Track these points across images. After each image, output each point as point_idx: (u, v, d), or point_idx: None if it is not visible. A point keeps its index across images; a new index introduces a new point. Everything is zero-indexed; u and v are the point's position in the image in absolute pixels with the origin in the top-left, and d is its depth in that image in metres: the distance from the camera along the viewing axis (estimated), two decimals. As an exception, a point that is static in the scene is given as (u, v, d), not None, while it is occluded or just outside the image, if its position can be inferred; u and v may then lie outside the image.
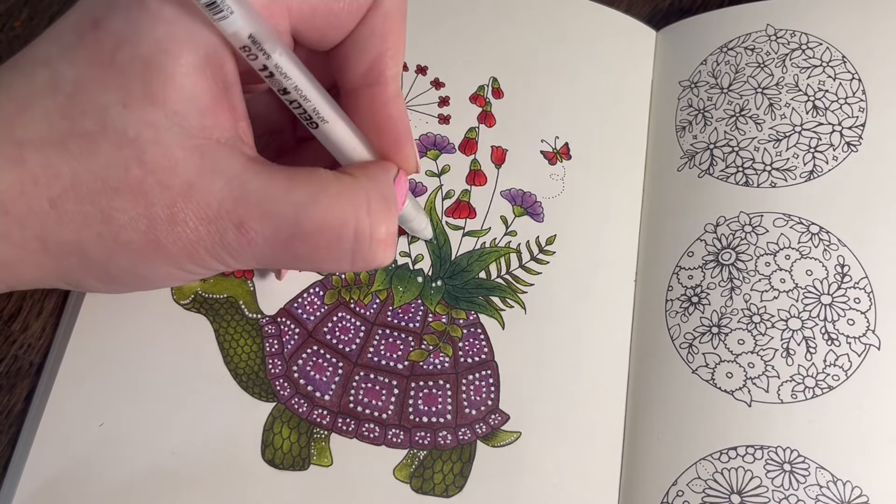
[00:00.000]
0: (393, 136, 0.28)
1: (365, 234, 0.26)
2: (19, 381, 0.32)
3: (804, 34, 0.39)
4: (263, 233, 0.25)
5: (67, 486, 0.30)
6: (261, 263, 0.26)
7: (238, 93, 0.25)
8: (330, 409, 0.33)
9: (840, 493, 0.31)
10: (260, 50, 0.24)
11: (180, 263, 0.25)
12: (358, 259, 0.27)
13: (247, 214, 0.25)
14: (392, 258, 0.28)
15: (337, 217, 0.25)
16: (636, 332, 0.36)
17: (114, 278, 0.26)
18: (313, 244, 0.25)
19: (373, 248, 0.27)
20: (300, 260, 0.26)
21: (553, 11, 0.41)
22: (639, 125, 0.40)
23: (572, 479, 0.33)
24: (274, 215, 0.25)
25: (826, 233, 0.35)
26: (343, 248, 0.26)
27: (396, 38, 0.28)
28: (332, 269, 0.27)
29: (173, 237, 0.24)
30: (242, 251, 0.25)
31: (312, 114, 0.26)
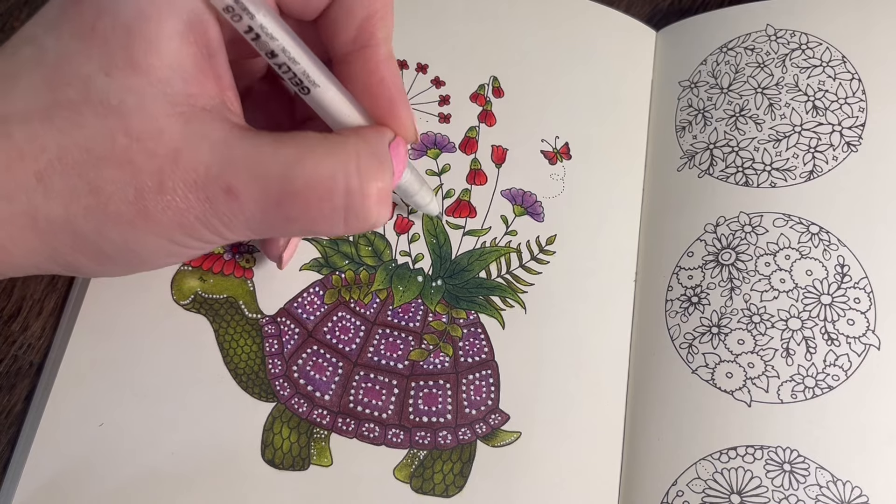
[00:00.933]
0: (387, 99, 0.28)
1: (355, 189, 0.25)
2: (19, 381, 0.32)
3: (804, 34, 0.39)
4: (252, 195, 0.24)
5: (67, 486, 0.30)
6: (255, 231, 0.26)
7: (223, 61, 0.25)
8: (330, 408, 0.33)
9: (840, 493, 0.31)
10: (243, 9, 0.24)
11: (172, 235, 0.25)
12: (351, 217, 0.26)
13: (234, 177, 0.24)
14: (388, 217, 0.27)
15: (326, 173, 0.25)
16: (636, 332, 0.36)
17: (106, 256, 0.25)
18: (304, 203, 0.25)
19: (365, 204, 0.26)
20: (293, 222, 0.26)
21: (553, 11, 0.41)
22: (639, 125, 0.40)
23: (572, 479, 0.33)
24: (261, 176, 0.24)
25: (826, 233, 0.35)
26: (335, 206, 0.25)
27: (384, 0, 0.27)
28: (327, 230, 0.26)
29: (162, 206, 0.24)
30: (234, 217, 0.25)
31: (303, 77, 0.26)
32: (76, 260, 0.25)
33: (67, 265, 0.26)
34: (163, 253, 0.26)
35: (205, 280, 0.34)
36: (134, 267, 0.27)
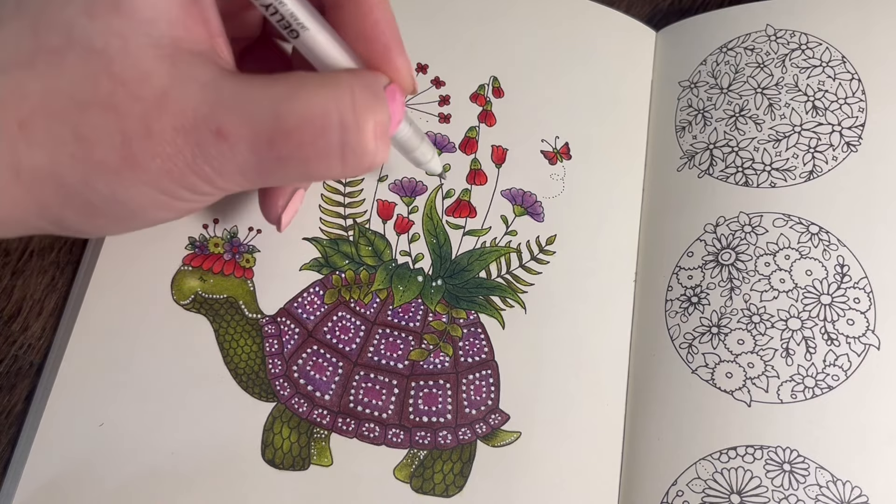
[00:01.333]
0: (382, 44, 0.27)
1: (350, 123, 0.24)
2: (19, 381, 0.32)
3: (804, 34, 0.39)
4: (243, 135, 0.24)
5: (67, 486, 0.30)
6: (247, 178, 0.25)
7: (211, 6, 0.24)
8: (330, 408, 0.33)
9: (840, 493, 0.31)
10: None
11: (161, 184, 0.24)
12: (348, 154, 0.25)
13: (224, 117, 0.23)
14: (387, 153, 0.26)
15: (319, 108, 0.24)
16: (636, 332, 0.36)
17: (94, 208, 0.24)
18: (297, 140, 0.24)
19: (362, 140, 0.25)
20: (287, 163, 0.24)
21: (553, 11, 0.41)
22: (639, 125, 0.40)
23: (572, 479, 0.33)
24: (252, 114, 0.23)
25: (826, 233, 0.35)
26: (330, 142, 0.24)
27: None
28: (324, 171, 0.25)
29: (150, 152, 0.23)
30: (225, 161, 0.24)
31: (291, 20, 0.25)
32: (64, 214, 0.24)
33: (56, 221, 0.25)
34: (152, 205, 0.25)
35: (205, 280, 0.34)
36: (124, 221, 0.26)
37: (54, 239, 0.34)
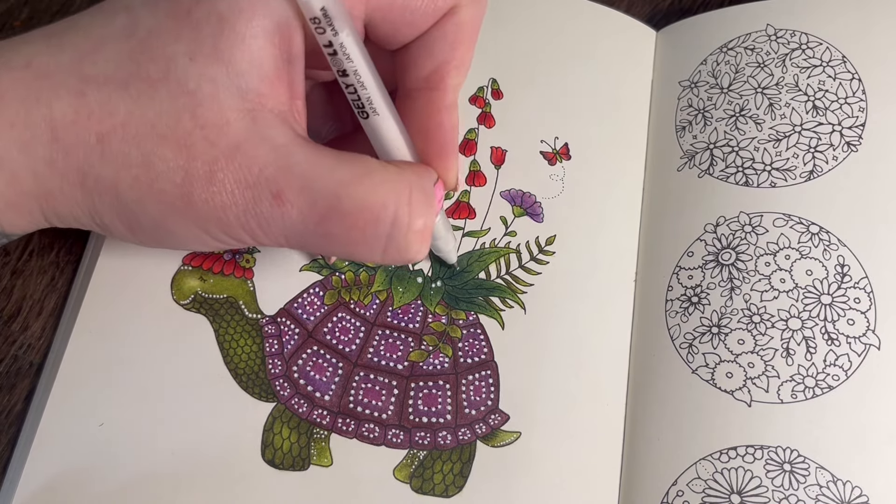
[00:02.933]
0: (440, 145, 0.28)
1: (403, 221, 0.26)
2: (19, 381, 0.32)
3: (804, 34, 0.39)
4: (300, 205, 0.25)
5: (67, 486, 0.30)
6: (289, 241, 0.26)
7: (300, 70, 0.26)
8: (330, 409, 0.33)
9: (840, 493, 0.31)
10: (329, 24, 0.24)
11: (207, 226, 0.25)
12: (391, 247, 0.26)
13: (286, 184, 0.25)
14: (425, 255, 0.28)
15: (378, 200, 0.25)
16: (636, 332, 0.36)
17: (140, 226, 0.26)
18: (349, 224, 0.25)
19: (408, 237, 0.26)
20: (332, 240, 0.26)
21: (553, 11, 0.41)
22: (639, 125, 0.40)
23: (572, 479, 0.33)
24: (314, 189, 0.25)
25: (826, 233, 0.35)
26: (379, 233, 0.26)
27: (465, 50, 0.28)
28: (363, 254, 0.27)
29: (206, 196, 0.24)
30: (273, 223, 0.25)
31: (366, 103, 0.26)
32: (112, 222, 0.26)
33: (103, 225, 0.26)
34: (193, 239, 0.26)
35: (205, 280, 0.34)
36: (162, 243, 0.28)
37: (54, 239, 0.34)
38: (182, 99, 0.24)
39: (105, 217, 0.26)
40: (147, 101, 0.24)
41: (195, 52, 0.24)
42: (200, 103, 0.24)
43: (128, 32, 0.24)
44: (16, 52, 0.24)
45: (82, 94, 0.24)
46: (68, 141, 0.24)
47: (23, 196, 0.25)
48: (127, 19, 0.25)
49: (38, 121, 0.24)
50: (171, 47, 0.24)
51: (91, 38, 0.24)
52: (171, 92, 0.24)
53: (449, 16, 0.27)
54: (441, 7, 0.27)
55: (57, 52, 0.24)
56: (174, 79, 0.24)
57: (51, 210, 0.26)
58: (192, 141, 0.24)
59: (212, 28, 0.24)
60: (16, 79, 0.24)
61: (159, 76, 0.24)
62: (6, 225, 0.26)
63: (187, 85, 0.24)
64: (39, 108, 0.24)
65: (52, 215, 0.26)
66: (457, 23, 0.27)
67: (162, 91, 0.24)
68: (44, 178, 0.25)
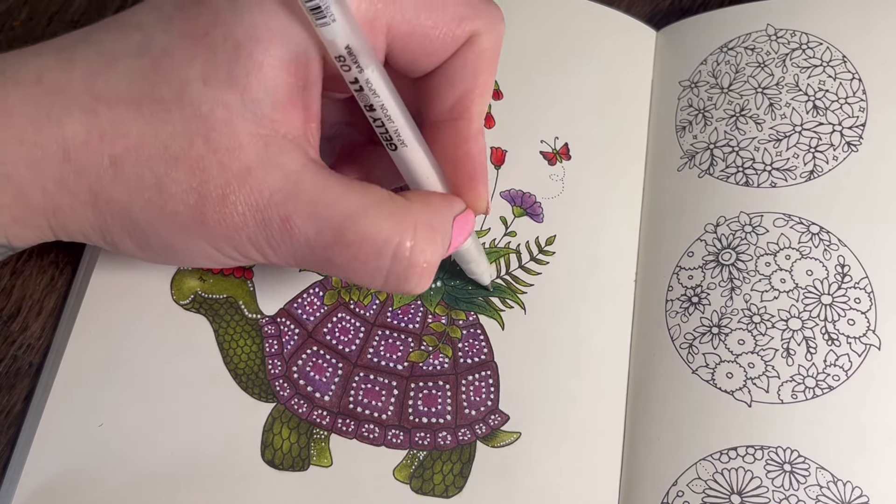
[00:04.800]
0: (469, 173, 0.29)
1: (403, 257, 0.26)
2: (19, 381, 0.32)
3: (804, 34, 0.39)
4: (306, 232, 0.25)
5: (67, 486, 0.30)
6: (298, 261, 0.26)
7: (316, 95, 0.26)
8: (330, 409, 0.33)
9: (840, 493, 0.31)
10: (355, 62, 0.24)
11: (219, 245, 0.26)
12: (391, 280, 0.27)
13: (294, 210, 0.25)
14: (426, 288, 0.27)
15: (380, 233, 0.25)
16: (636, 332, 0.36)
17: (150, 246, 0.26)
18: (351, 255, 0.25)
19: (408, 272, 0.26)
20: (335, 267, 0.26)
21: (553, 11, 0.41)
22: (639, 125, 0.40)
23: (572, 479, 0.33)
24: (321, 217, 0.25)
25: (826, 233, 0.35)
26: (379, 266, 0.26)
27: (487, 77, 0.28)
28: (364, 283, 0.27)
29: (219, 217, 0.25)
30: (283, 245, 0.26)
31: (393, 135, 0.26)
32: (122, 241, 0.26)
33: (112, 243, 0.26)
34: (203, 256, 0.27)
35: (205, 280, 0.34)
36: (171, 260, 0.28)
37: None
38: (195, 122, 0.24)
39: (115, 236, 0.26)
40: (160, 123, 0.24)
41: (209, 76, 0.24)
42: (213, 127, 0.24)
43: (141, 51, 0.24)
44: (25, 65, 0.24)
45: (94, 113, 0.24)
46: (80, 162, 0.24)
47: (30, 211, 0.25)
48: (141, 37, 0.24)
49: (50, 140, 0.24)
50: (185, 70, 0.24)
51: (104, 54, 0.24)
52: (184, 115, 0.24)
53: (468, 44, 0.27)
54: (459, 36, 0.27)
55: (68, 68, 0.24)
56: (188, 102, 0.24)
57: (59, 226, 0.26)
58: (204, 164, 0.24)
59: (227, 54, 0.24)
60: (25, 94, 0.24)
61: (172, 98, 0.24)
62: (12, 238, 0.26)
63: (200, 108, 0.24)
64: (51, 127, 0.24)
65: (60, 230, 0.26)
66: (476, 51, 0.27)
67: (175, 113, 0.24)
68: (53, 196, 0.24)
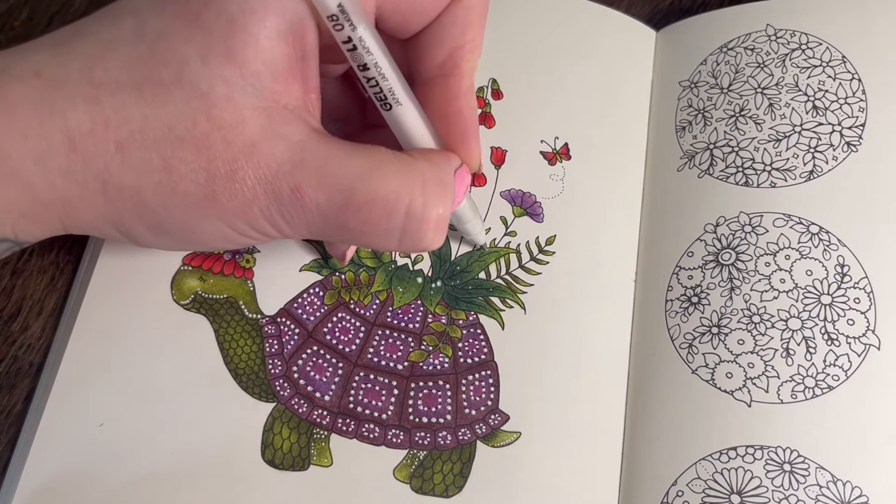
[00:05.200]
0: (460, 130, 0.29)
1: (416, 212, 0.26)
2: (19, 381, 0.32)
3: (804, 34, 0.39)
4: (317, 199, 0.25)
5: (67, 486, 0.30)
6: (312, 232, 0.27)
7: (314, 65, 0.26)
8: (330, 409, 0.33)
9: (840, 493, 0.31)
10: (347, 20, 0.24)
11: (233, 222, 0.26)
12: (406, 238, 0.27)
13: (303, 179, 0.25)
14: (441, 242, 0.28)
15: (391, 191, 0.26)
16: (636, 332, 0.36)
17: (165, 230, 0.26)
18: (364, 216, 0.26)
19: (422, 227, 0.26)
20: (350, 231, 0.26)
21: (552, 11, 0.41)
22: (639, 125, 0.40)
23: (572, 479, 0.33)
24: (329, 183, 0.25)
25: (826, 233, 0.35)
26: (393, 224, 0.26)
27: (476, 32, 0.28)
28: (380, 244, 0.27)
29: (230, 193, 0.25)
30: (296, 215, 0.26)
31: (388, 94, 0.26)
32: (136, 228, 0.26)
33: (126, 231, 0.26)
34: (219, 236, 0.27)
35: (205, 280, 0.34)
36: (188, 244, 0.28)
37: (54, 239, 0.34)
38: (196, 101, 0.24)
39: (129, 223, 0.26)
40: (162, 105, 0.24)
41: (207, 53, 0.24)
42: (215, 104, 0.24)
43: (136, 36, 0.24)
44: (23, 60, 0.24)
45: (97, 101, 0.24)
46: (87, 151, 0.24)
47: (39, 206, 0.25)
48: (134, 23, 0.24)
49: (54, 131, 0.24)
50: (182, 49, 0.24)
51: (100, 43, 0.24)
52: (185, 94, 0.24)
53: (456, 1, 0.28)
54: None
55: (66, 61, 0.24)
56: (187, 81, 0.24)
57: (70, 219, 0.25)
58: (210, 142, 0.24)
59: (223, 29, 0.24)
60: (26, 89, 0.24)
61: (172, 79, 0.24)
62: (19, 233, 0.26)
63: (200, 86, 0.24)
64: (54, 119, 0.24)
65: (71, 223, 0.26)
66: (466, 6, 0.28)
67: (176, 94, 0.24)
68: (62, 188, 0.24)
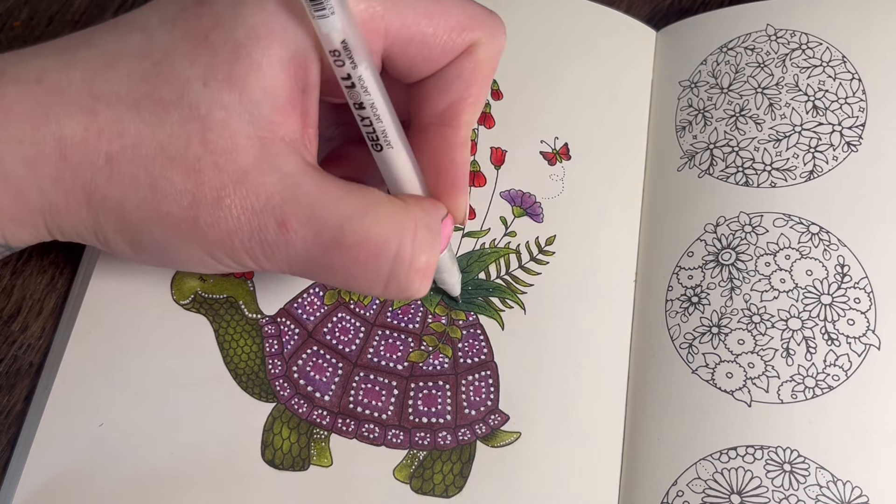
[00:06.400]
0: (451, 181, 0.28)
1: (405, 258, 0.26)
2: (19, 381, 0.32)
3: (804, 34, 0.39)
4: (304, 235, 0.25)
5: (67, 486, 0.30)
6: (292, 269, 0.26)
7: (314, 99, 0.26)
8: (330, 409, 0.33)
9: (840, 493, 0.31)
10: (349, 57, 0.24)
11: (211, 250, 0.25)
12: (392, 284, 0.26)
13: (292, 214, 0.24)
14: (426, 292, 0.27)
15: (381, 235, 0.25)
16: (636, 332, 0.36)
17: (143, 246, 0.26)
18: (351, 257, 0.25)
19: (410, 275, 0.26)
20: (334, 272, 0.26)
21: (552, 11, 0.41)
22: (639, 125, 0.40)
23: (572, 479, 0.33)
24: (319, 219, 0.25)
25: (826, 233, 0.35)
26: (380, 268, 0.26)
27: (481, 88, 0.28)
28: (363, 288, 0.26)
29: (212, 220, 0.24)
30: (278, 250, 0.25)
31: (380, 135, 0.26)
32: (115, 241, 0.26)
33: (105, 242, 0.26)
34: (196, 261, 0.26)
35: (205, 280, 0.34)
36: (165, 263, 0.28)
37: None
38: (193, 123, 0.24)
39: (109, 235, 0.26)
40: (158, 123, 0.24)
41: (209, 77, 0.24)
42: (211, 128, 0.24)
43: (143, 52, 0.24)
44: (25, 65, 0.24)
45: (93, 113, 0.24)
46: (76, 160, 0.24)
47: (27, 211, 0.25)
48: (142, 39, 0.24)
49: (47, 138, 0.24)
50: (186, 71, 0.24)
51: (105, 55, 0.24)
52: (182, 115, 0.24)
53: (466, 53, 0.27)
54: (459, 45, 0.27)
55: (69, 69, 0.24)
56: (187, 103, 0.24)
57: (54, 225, 0.26)
58: (200, 166, 0.24)
59: (228, 54, 0.24)
60: (25, 93, 0.24)
61: (172, 99, 0.24)
62: (10, 238, 0.26)
63: (199, 109, 0.24)
64: (49, 126, 0.24)
65: (55, 230, 0.26)
66: (474, 60, 0.27)
67: (173, 114, 0.24)
68: (49, 195, 0.24)
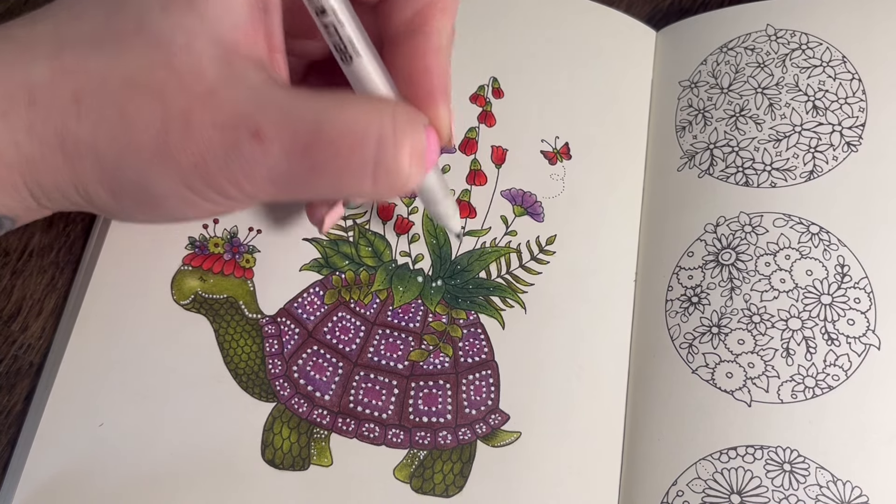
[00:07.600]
0: (427, 90, 0.27)
1: (388, 140, 0.24)
2: (19, 381, 0.32)
3: (804, 34, 0.39)
4: (281, 139, 0.24)
5: (67, 486, 0.30)
6: (276, 185, 0.25)
7: (277, 22, 0.25)
8: (330, 409, 0.33)
9: (840, 493, 0.31)
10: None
11: (189, 179, 0.25)
12: (381, 172, 0.25)
13: (265, 119, 0.24)
14: (420, 179, 0.26)
15: (359, 121, 0.24)
16: (636, 332, 0.36)
17: (123, 189, 0.26)
18: (333, 150, 0.24)
19: (397, 158, 0.24)
20: (319, 175, 0.25)
21: (553, 11, 0.41)
22: (639, 125, 0.40)
23: (572, 479, 0.33)
24: (293, 120, 0.24)
25: (826, 233, 0.35)
26: (365, 157, 0.24)
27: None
28: (355, 185, 0.25)
29: (184, 144, 0.24)
30: (257, 165, 0.24)
31: (347, 43, 0.25)
32: (95, 190, 0.26)
33: (87, 197, 0.26)
34: (177, 199, 0.26)
35: (205, 280, 0.34)
36: (149, 209, 0.27)
37: (54, 239, 0.34)
38: (156, 50, 0.24)
39: (88, 185, 0.25)
40: (121, 54, 0.24)
41: (168, 2, 0.24)
42: (175, 53, 0.24)
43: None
44: None
45: (58, 57, 0.24)
46: (45, 102, 0.24)
47: (5, 168, 0.25)
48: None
49: (17, 86, 0.24)
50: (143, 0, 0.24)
51: (71, 8, 0.25)
52: (145, 44, 0.24)
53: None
54: None
55: (34, 25, 0.25)
56: (147, 30, 0.24)
57: (34, 182, 0.25)
58: (166, 90, 0.24)
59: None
60: None
61: (132, 29, 0.24)
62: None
63: (161, 36, 0.24)
64: (16, 73, 0.24)
65: (36, 188, 0.26)
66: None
67: (136, 43, 0.24)
68: (24, 147, 0.24)
